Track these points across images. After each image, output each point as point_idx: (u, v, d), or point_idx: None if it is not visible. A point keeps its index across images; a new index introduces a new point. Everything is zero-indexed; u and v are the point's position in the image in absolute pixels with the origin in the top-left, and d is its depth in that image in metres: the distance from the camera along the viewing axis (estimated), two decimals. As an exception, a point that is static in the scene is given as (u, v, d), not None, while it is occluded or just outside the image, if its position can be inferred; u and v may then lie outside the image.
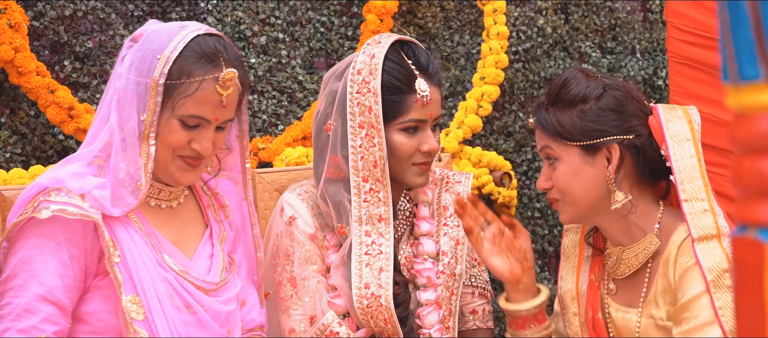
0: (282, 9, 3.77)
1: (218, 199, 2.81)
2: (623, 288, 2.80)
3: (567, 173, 2.70)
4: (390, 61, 2.88)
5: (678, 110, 2.73)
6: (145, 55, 2.49)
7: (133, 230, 2.54)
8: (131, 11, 3.53)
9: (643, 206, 2.72)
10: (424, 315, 2.96)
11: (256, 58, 3.70)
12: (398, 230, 3.04)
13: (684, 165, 2.64)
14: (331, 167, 2.92)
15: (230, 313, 2.68)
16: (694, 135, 2.67)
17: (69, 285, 2.50)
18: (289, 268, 2.95)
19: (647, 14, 4.40)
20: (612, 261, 2.79)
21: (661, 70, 4.34)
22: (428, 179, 2.99)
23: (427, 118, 2.90)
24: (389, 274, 2.89)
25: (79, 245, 2.50)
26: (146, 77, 2.47)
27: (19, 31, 3.24)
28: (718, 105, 3.45)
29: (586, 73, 2.74)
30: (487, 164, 3.93)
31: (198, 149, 2.55)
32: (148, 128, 2.48)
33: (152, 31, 2.54)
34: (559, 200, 2.75)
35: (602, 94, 2.68)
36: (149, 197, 2.62)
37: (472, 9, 4.05)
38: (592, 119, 2.67)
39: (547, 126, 2.71)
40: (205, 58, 2.52)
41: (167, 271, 2.56)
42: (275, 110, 3.73)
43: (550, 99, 2.73)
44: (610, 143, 2.66)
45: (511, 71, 4.08)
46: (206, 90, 2.51)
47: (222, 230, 2.77)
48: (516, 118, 4.13)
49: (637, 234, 2.73)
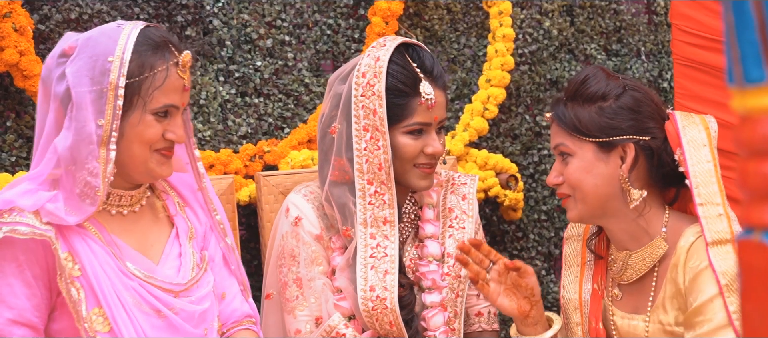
0: (288, 11, 3.77)
1: (180, 194, 2.80)
2: (628, 293, 2.80)
3: (580, 168, 2.70)
4: (395, 65, 2.88)
5: (695, 117, 2.73)
6: (95, 61, 2.47)
7: (92, 242, 2.52)
8: (137, 14, 3.53)
9: (652, 210, 2.72)
10: (430, 318, 2.96)
11: (262, 61, 3.69)
12: (403, 233, 3.04)
13: (700, 170, 2.64)
14: (335, 169, 2.92)
15: (204, 312, 2.66)
16: (710, 141, 2.68)
17: (37, 304, 2.49)
18: (294, 269, 2.94)
19: (652, 16, 4.39)
20: (617, 266, 2.79)
21: (665, 73, 4.33)
22: (432, 182, 2.99)
23: (431, 121, 2.90)
24: (394, 276, 2.89)
25: (40, 263, 2.49)
26: (100, 83, 2.46)
27: (24, 35, 3.24)
28: (723, 108, 3.43)
29: (607, 72, 2.75)
30: (493, 166, 3.92)
31: (172, 137, 2.57)
32: (107, 132, 2.46)
33: (88, 38, 2.53)
34: (570, 196, 2.75)
35: (622, 93, 2.70)
36: (110, 206, 2.60)
37: (479, 11, 4.05)
38: (610, 116, 2.68)
39: (564, 120, 2.72)
40: (160, 48, 2.54)
41: (131, 278, 2.54)
42: (281, 112, 3.73)
43: (569, 94, 2.75)
44: (625, 142, 2.67)
45: (518, 74, 4.07)
46: (172, 77, 2.54)
47: (189, 226, 2.75)
48: (522, 120, 4.12)
49: (644, 239, 2.72)
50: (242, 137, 3.65)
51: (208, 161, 3.50)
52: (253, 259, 3.64)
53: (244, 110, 3.67)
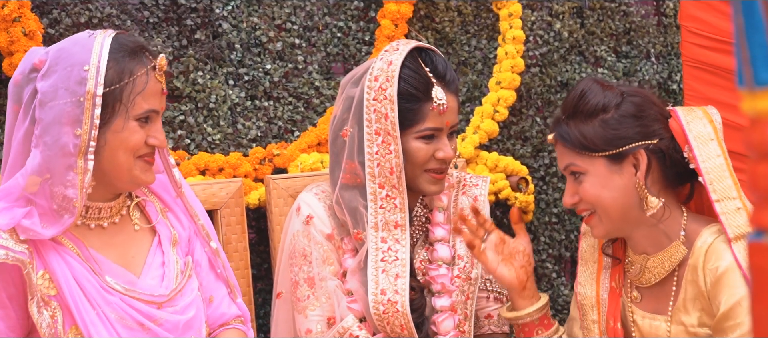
0: (298, 14, 3.77)
1: (161, 199, 2.78)
2: (648, 295, 2.78)
3: (595, 184, 2.67)
4: (407, 69, 2.88)
5: (697, 110, 2.71)
6: (68, 73, 2.44)
7: (70, 258, 2.50)
8: (146, 18, 3.53)
9: (669, 214, 2.69)
10: (440, 322, 2.95)
11: (272, 64, 3.69)
12: (414, 236, 3.04)
13: (711, 165, 2.61)
14: (347, 172, 2.92)
15: (190, 321, 2.64)
16: (717, 134, 2.66)
17: (12, 326, 2.49)
18: (306, 268, 2.94)
19: (661, 18, 4.39)
20: (635, 269, 2.77)
21: (675, 74, 4.32)
22: (442, 187, 2.98)
23: (443, 126, 2.89)
24: (405, 280, 2.88)
25: (16, 283, 2.47)
26: (76, 93, 2.43)
27: (34, 39, 3.24)
28: (733, 109, 3.43)
29: (601, 83, 2.71)
30: (504, 169, 3.92)
31: (154, 142, 2.56)
32: (85, 142, 2.44)
33: (59, 50, 2.50)
34: (594, 214, 2.71)
35: (621, 101, 2.66)
36: (89, 220, 2.58)
37: (489, 13, 4.04)
38: (614, 127, 2.64)
39: (569, 140, 2.68)
40: (136, 53, 2.52)
41: (112, 293, 2.52)
42: (291, 116, 3.73)
43: (568, 112, 2.71)
44: (635, 150, 2.64)
45: (528, 76, 4.06)
46: (151, 81, 2.53)
47: (172, 232, 2.73)
48: (533, 123, 4.11)
49: (663, 242, 2.70)
50: (252, 141, 3.65)
51: (218, 164, 3.50)
52: (263, 262, 3.63)
53: (253, 113, 3.67)
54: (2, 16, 3.21)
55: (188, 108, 3.56)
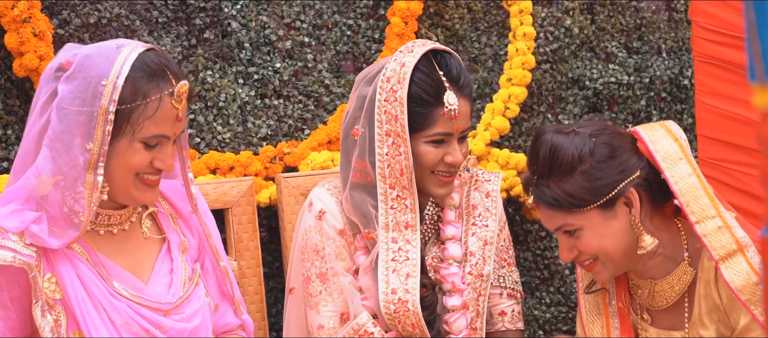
0: (307, 13, 3.77)
1: (173, 204, 2.76)
2: (660, 315, 2.73)
3: (594, 236, 2.59)
4: (420, 72, 2.86)
5: (658, 129, 2.63)
6: (87, 83, 2.42)
7: (78, 262, 2.49)
8: (155, 18, 3.54)
9: (668, 235, 2.64)
10: (452, 322, 2.94)
11: (282, 63, 3.69)
12: (426, 234, 3.03)
13: (685, 186, 2.54)
14: (357, 171, 2.91)
15: (196, 328, 2.63)
16: (684, 151, 2.58)
17: (12, 327, 2.48)
18: (318, 263, 2.93)
19: (672, 13, 4.37)
20: (644, 293, 2.71)
21: (686, 70, 4.31)
22: (450, 190, 2.97)
23: (453, 131, 2.88)
24: (416, 280, 2.88)
25: (21, 285, 2.47)
26: (91, 106, 2.41)
27: (44, 40, 3.24)
28: (744, 104, 3.42)
29: (561, 131, 2.62)
30: (515, 166, 3.91)
31: (160, 166, 2.52)
32: (95, 157, 2.42)
33: (85, 57, 2.46)
34: (597, 260, 2.64)
35: (593, 147, 2.58)
36: (98, 226, 2.57)
37: (499, 10, 4.04)
38: (597, 176, 2.56)
39: (557, 202, 2.59)
40: (156, 76, 2.46)
41: (119, 299, 2.52)
42: (301, 114, 3.73)
43: (542, 172, 2.62)
44: (625, 190, 2.56)
45: (539, 72, 4.06)
46: (164, 107, 2.47)
47: (181, 239, 2.72)
48: (544, 119, 4.11)
49: (669, 266, 2.65)
50: (262, 139, 3.65)
51: (228, 163, 3.50)
52: (275, 261, 3.64)
53: (263, 111, 3.67)
54: (12, 17, 3.21)
55: (198, 107, 3.57)
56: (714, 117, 3.59)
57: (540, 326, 4.08)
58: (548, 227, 2.68)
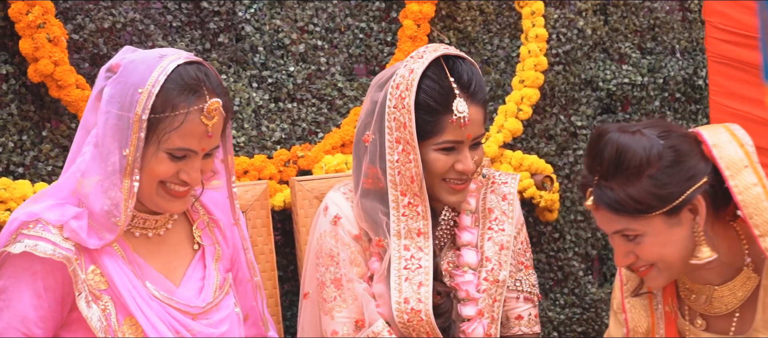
0: (320, 16, 3.77)
1: (210, 214, 2.78)
2: (714, 320, 2.64)
3: (656, 243, 2.46)
4: (428, 79, 2.83)
5: (722, 131, 2.51)
6: (126, 89, 2.45)
7: (116, 256, 2.52)
8: (170, 22, 3.54)
9: (727, 242, 2.54)
10: (470, 332, 2.92)
11: (295, 67, 3.70)
12: (441, 240, 3.01)
13: (748, 197, 2.42)
14: (369, 177, 2.90)
15: (223, 335, 2.64)
16: (750, 158, 2.46)
17: (43, 316, 2.49)
18: (333, 269, 2.92)
19: (686, 13, 4.37)
20: (698, 298, 2.62)
21: (700, 70, 4.30)
22: (463, 197, 2.94)
23: (463, 139, 2.84)
24: (429, 288, 2.86)
25: (56, 275, 2.48)
26: (128, 112, 2.44)
27: (58, 45, 3.25)
28: (758, 104, 3.41)
29: (626, 131, 2.47)
30: (529, 167, 3.91)
31: (186, 179, 2.53)
32: (131, 163, 2.44)
33: (130, 62, 2.49)
34: (652, 267, 2.53)
35: (661, 150, 2.43)
36: (134, 228, 2.60)
37: (511, 12, 4.03)
38: (665, 181, 2.41)
39: (621, 206, 2.44)
40: (189, 90, 2.48)
41: (152, 299, 2.54)
42: (315, 117, 3.73)
43: (607, 174, 2.46)
44: (693, 198, 2.43)
45: (552, 74, 4.06)
46: (192, 122, 2.48)
47: (216, 248, 2.74)
48: (557, 121, 4.10)
49: (730, 273, 2.55)
50: (276, 143, 3.66)
51: (243, 166, 3.51)
52: (289, 264, 3.64)
53: (277, 115, 3.67)
54: (27, 23, 3.22)
55: (212, 111, 3.57)
56: (728, 117, 3.58)
57: (554, 327, 4.08)
58: (605, 230, 2.55)
